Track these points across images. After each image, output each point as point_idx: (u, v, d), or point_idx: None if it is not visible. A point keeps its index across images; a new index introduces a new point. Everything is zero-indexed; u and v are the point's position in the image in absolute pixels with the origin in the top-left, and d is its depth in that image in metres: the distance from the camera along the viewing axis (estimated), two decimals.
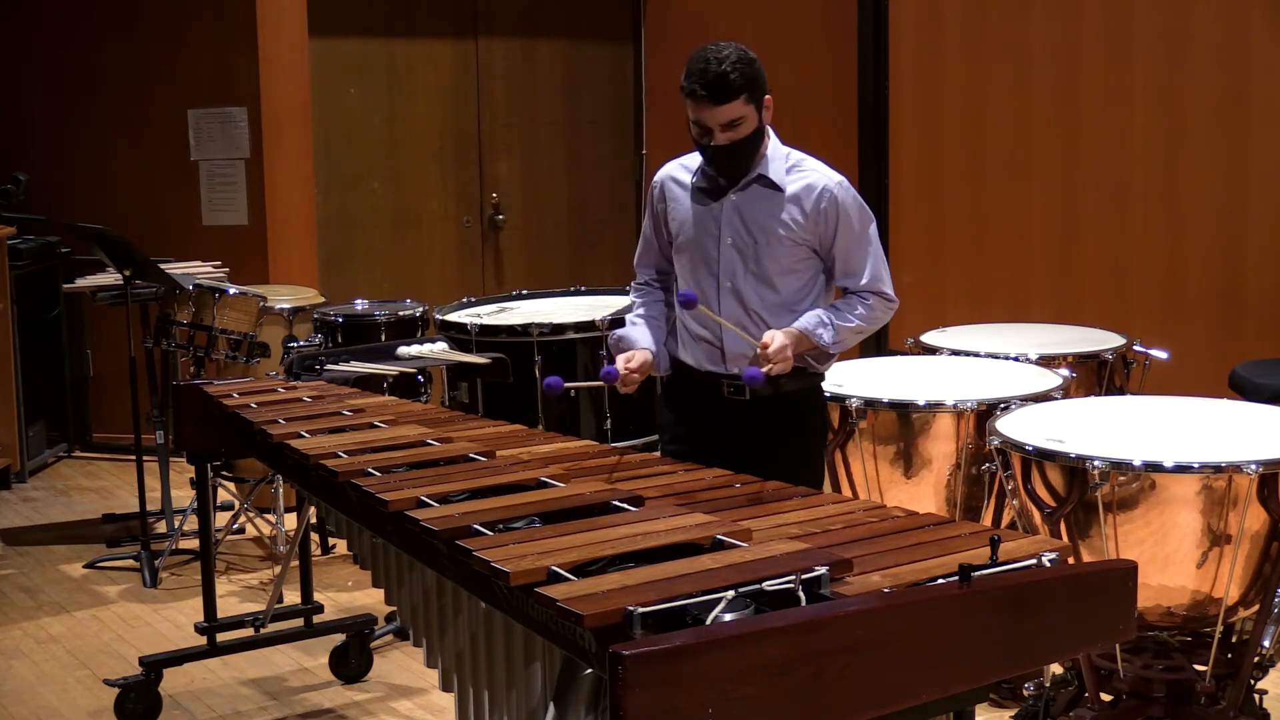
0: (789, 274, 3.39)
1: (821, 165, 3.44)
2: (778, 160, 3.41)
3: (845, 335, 3.39)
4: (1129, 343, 4.62)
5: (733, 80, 3.26)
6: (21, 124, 7.12)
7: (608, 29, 8.13)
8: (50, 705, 4.31)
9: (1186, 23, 5.77)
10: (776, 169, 3.40)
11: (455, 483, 2.82)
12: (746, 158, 3.38)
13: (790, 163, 3.42)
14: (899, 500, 3.90)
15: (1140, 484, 3.30)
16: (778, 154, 3.43)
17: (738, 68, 3.27)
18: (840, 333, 3.37)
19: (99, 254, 5.44)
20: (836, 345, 3.40)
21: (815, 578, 2.17)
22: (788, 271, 3.38)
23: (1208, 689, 3.50)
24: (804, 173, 3.40)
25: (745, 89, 3.28)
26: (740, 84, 3.27)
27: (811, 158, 3.46)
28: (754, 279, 3.39)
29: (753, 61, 3.31)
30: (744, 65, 3.29)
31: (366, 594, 5.00)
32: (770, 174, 3.39)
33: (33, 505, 6.38)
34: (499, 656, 2.52)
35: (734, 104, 3.28)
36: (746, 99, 3.30)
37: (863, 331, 3.42)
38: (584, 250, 8.14)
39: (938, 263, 6.76)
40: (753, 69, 3.30)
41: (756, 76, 3.32)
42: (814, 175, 3.40)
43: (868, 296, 3.40)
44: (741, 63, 3.28)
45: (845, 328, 3.37)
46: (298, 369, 4.35)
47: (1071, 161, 6.20)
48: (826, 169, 3.43)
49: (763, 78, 3.34)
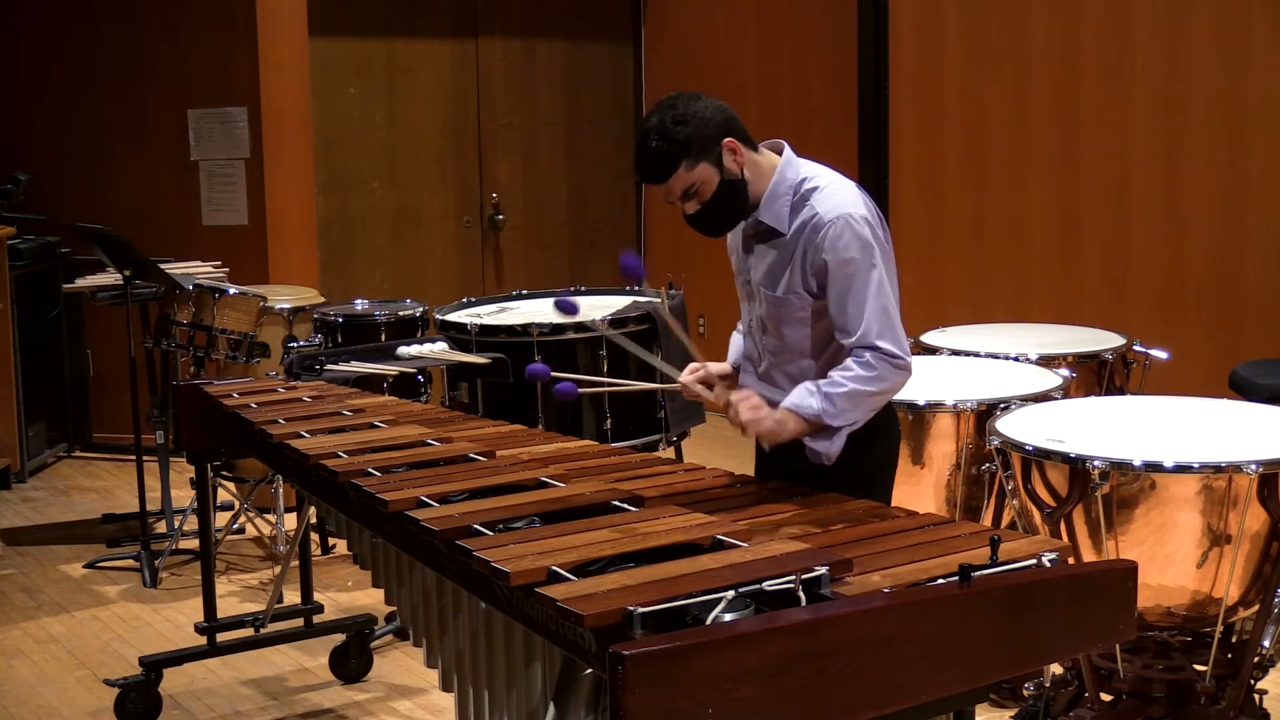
0: (793, 323, 3.00)
1: (832, 196, 2.95)
2: (781, 198, 2.98)
3: (842, 403, 2.89)
4: (1129, 343, 4.61)
5: (660, 153, 2.89)
6: (21, 124, 7.12)
7: (608, 29, 8.13)
8: (50, 705, 4.31)
9: (1186, 23, 5.77)
10: (778, 210, 2.98)
11: (455, 483, 2.83)
12: (726, 214, 3.00)
13: (799, 195, 2.98)
14: (899, 500, 3.88)
15: (1140, 484, 3.30)
16: (783, 188, 2.99)
17: (671, 134, 2.88)
18: (834, 401, 2.89)
19: (99, 254, 5.44)
20: (835, 416, 2.91)
21: (815, 578, 2.17)
22: (793, 321, 3.00)
23: (1208, 689, 3.50)
24: (808, 207, 2.95)
25: (679, 156, 2.89)
26: (671, 153, 2.88)
27: (832, 181, 3.00)
28: (764, 327, 3.07)
29: (684, 120, 2.88)
30: (679, 128, 2.88)
31: (366, 594, 5.00)
32: (768, 219, 2.99)
33: (33, 505, 6.38)
34: (499, 656, 2.52)
35: (676, 175, 2.90)
36: (689, 166, 2.89)
37: (865, 397, 2.91)
38: (584, 250, 8.14)
39: (938, 263, 6.76)
40: (691, 125, 2.88)
41: (691, 137, 2.88)
42: (814, 211, 2.94)
43: (862, 354, 2.90)
44: (676, 126, 2.88)
45: (837, 394, 2.89)
46: (298, 369, 4.34)
47: (1071, 161, 6.20)
48: (835, 200, 2.94)
49: (710, 126, 2.90)
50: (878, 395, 2.93)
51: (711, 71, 7.62)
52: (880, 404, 2.97)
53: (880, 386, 2.91)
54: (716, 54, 7.72)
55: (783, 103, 7.35)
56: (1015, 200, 6.43)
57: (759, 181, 2.99)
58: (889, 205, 6.85)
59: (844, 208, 2.91)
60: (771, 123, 7.41)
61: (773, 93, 7.40)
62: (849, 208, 2.91)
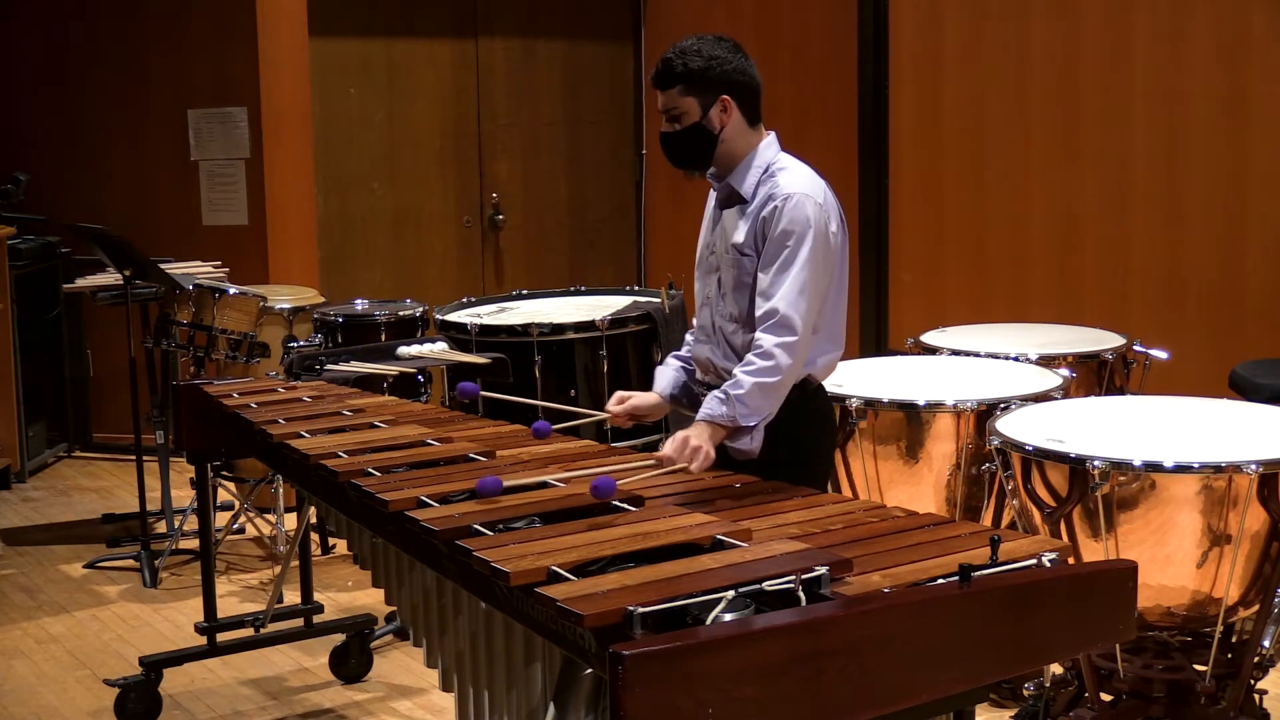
0: (740, 289, 3.14)
1: (796, 179, 3.12)
2: (755, 170, 3.17)
3: (752, 401, 3.02)
4: (1129, 343, 4.61)
5: (673, 67, 3.12)
6: (21, 124, 7.12)
7: (608, 29, 8.13)
8: (50, 705, 4.31)
9: (1186, 23, 5.77)
10: (749, 179, 3.16)
11: (455, 483, 2.83)
12: (689, 153, 3.18)
13: (767, 172, 3.16)
14: (899, 500, 3.90)
15: (1140, 484, 3.30)
16: (758, 161, 3.18)
17: (687, 57, 3.11)
18: (743, 401, 3.01)
19: (99, 254, 5.44)
20: (748, 415, 3.03)
21: (815, 578, 2.17)
22: (740, 286, 3.15)
23: (1208, 689, 3.50)
24: (773, 181, 3.13)
25: (682, 79, 3.12)
26: (679, 73, 3.12)
27: (801, 168, 3.18)
28: (718, 294, 3.22)
29: (716, 58, 3.12)
30: (696, 57, 3.11)
31: (366, 594, 5.00)
32: (736, 183, 3.18)
33: (33, 505, 6.38)
34: (499, 656, 2.52)
35: (670, 92, 3.14)
36: (683, 90, 3.13)
37: (769, 389, 3.03)
38: (584, 250, 8.13)
39: (938, 263, 6.76)
40: (707, 63, 3.11)
41: (706, 71, 3.11)
42: (779, 185, 3.11)
43: (759, 344, 3.02)
44: (695, 55, 3.12)
45: (743, 394, 3.01)
46: (298, 369, 4.35)
47: (1071, 161, 6.20)
48: (803, 180, 3.12)
49: (722, 76, 3.13)
50: (781, 382, 3.05)
51: None
52: (786, 389, 3.08)
53: (779, 377, 3.03)
54: None
55: (783, 103, 7.33)
56: (1015, 200, 6.43)
57: (737, 147, 3.18)
58: (889, 205, 6.85)
59: (803, 188, 3.10)
60: (771, 122, 7.39)
61: (773, 93, 7.31)
62: (808, 189, 3.10)
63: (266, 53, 6.71)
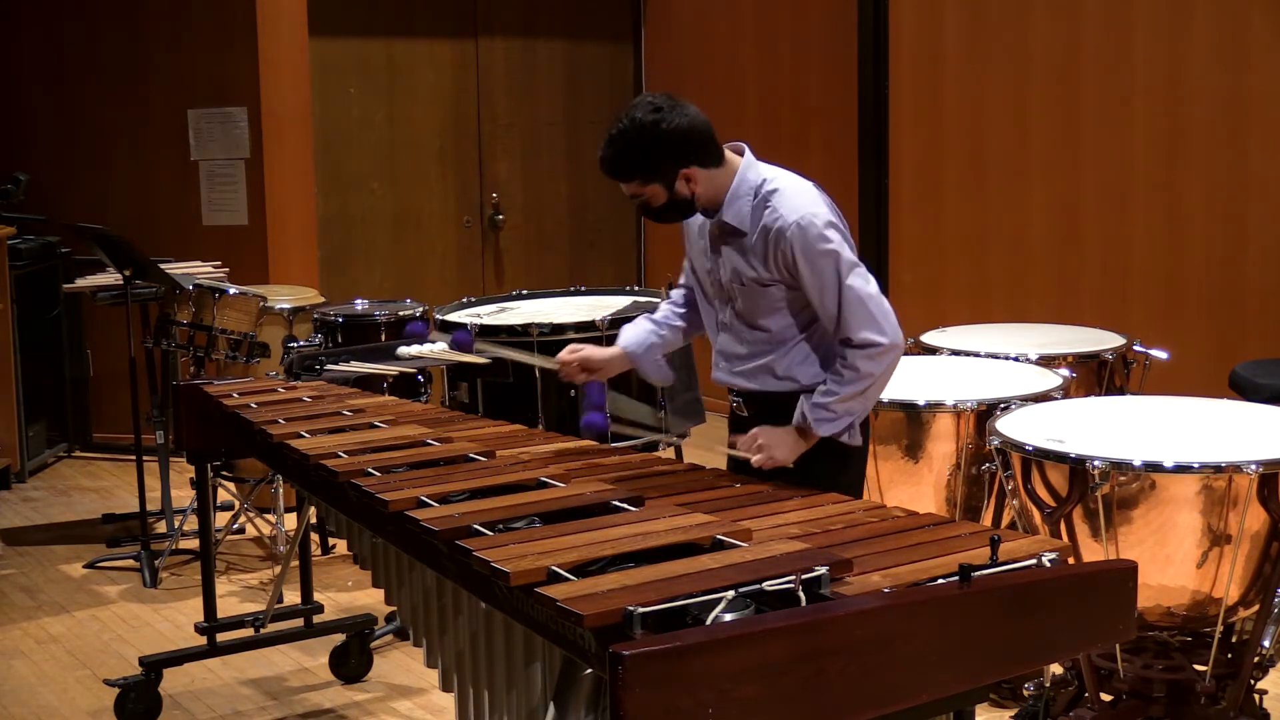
0: (773, 313, 3.12)
1: (792, 198, 3.05)
2: (743, 199, 3.07)
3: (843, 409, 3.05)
4: (1129, 343, 4.61)
5: (619, 167, 3.02)
6: (21, 124, 7.12)
7: (608, 29, 8.13)
8: (50, 705, 4.31)
9: (1186, 23, 5.77)
10: (739, 210, 3.08)
11: (455, 483, 2.83)
12: (672, 217, 3.13)
13: (760, 197, 3.07)
14: (899, 500, 3.90)
15: (1140, 484, 3.30)
16: (744, 189, 3.08)
17: (628, 152, 2.99)
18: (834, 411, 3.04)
19: (99, 254, 5.44)
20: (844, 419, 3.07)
21: (815, 578, 2.17)
22: (771, 311, 3.11)
23: (1208, 689, 3.50)
24: (770, 209, 3.04)
25: (632, 174, 3.01)
26: (628, 170, 3.01)
27: (790, 183, 3.11)
28: (741, 321, 3.17)
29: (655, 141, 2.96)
30: (635, 149, 2.98)
31: (366, 594, 5.00)
32: (730, 218, 3.09)
33: (33, 505, 6.38)
34: (499, 656, 2.52)
35: (630, 184, 3.04)
36: (641, 182, 3.02)
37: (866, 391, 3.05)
38: (584, 250, 8.14)
39: (938, 263, 6.76)
40: (647, 150, 2.97)
41: (650, 158, 2.99)
42: (776, 214, 3.03)
43: (846, 354, 3.03)
44: (634, 146, 2.98)
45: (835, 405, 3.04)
46: (298, 369, 4.34)
47: (1071, 161, 6.20)
48: (794, 202, 3.04)
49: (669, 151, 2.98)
50: (873, 387, 3.06)
51: (711, 72, 7.62)
52: (882, 387, 3.10)
53: (867, 384, 3.04)
54: (716, 54, 7.72)
55: (782, 103, 7.34)
56: (1015, 200, 6.43)
57: (716, 190, 3.09)
58: (889, 205, 6.85)
59: (803, 209, 3.02)
60: (771, 123, 7.42)
61: (772, 92, 7.40)
62: (808, 208, 3.02)
63: (266, 53, 6.71)
